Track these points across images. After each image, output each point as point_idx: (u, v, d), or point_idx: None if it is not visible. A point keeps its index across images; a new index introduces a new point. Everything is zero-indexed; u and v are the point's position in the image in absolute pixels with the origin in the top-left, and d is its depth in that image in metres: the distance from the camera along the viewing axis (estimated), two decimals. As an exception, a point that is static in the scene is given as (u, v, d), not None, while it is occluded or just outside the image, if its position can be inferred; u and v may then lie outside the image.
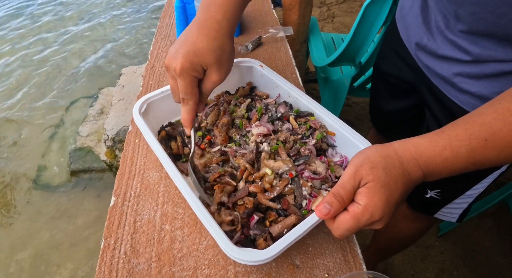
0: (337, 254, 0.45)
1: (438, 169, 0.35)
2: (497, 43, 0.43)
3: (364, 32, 1.01)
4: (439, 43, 0.51)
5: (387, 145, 0.36)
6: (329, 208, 0.34)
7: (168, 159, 0.46)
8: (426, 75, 0.57)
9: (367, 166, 0.34)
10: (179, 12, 0.78)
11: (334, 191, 0.35)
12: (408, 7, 0.58)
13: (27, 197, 1.52)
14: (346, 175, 0.35)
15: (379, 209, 0.33)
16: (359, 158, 0.36)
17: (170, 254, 0.45)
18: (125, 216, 0.49)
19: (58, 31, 2.59)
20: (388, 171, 0.34)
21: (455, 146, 0.34)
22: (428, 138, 0.35)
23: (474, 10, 0.42)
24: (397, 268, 1.21)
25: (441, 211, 0.70)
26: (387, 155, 0.35)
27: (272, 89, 0.62)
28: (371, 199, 0.33)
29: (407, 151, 0.35)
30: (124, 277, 0.43)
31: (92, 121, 1.83)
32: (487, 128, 0.33)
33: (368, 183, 0.34)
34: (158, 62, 0.77)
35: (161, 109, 0.58)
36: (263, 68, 0.62)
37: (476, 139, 0.33)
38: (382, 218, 0.34)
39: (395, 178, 0.34)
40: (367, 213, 0.33)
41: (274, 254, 0.37)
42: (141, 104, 0.55)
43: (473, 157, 0.34)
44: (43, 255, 1.30)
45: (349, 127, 0.53)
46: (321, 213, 0.35)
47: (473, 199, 0.64)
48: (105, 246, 0.46)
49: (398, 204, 0.35)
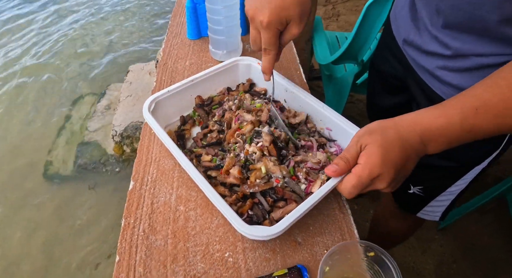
0: (335, 233, 0.49)
1: (435, 136, 0.38)
2: (476, 38, 0.46)
3: (366, 31, 1.04)
4: (424, 38, 0.54)
5: (389, 119, 0.41)
6: (336, 167, 0.41)
7: (179, 150, 0.51)
8: (414, 69, 0.60)
9: (367, 134, 0.40)
10: (190, 12, 0.83)
11: (341, 155, 0.42)
12: (400, 6, 0.62)
13: (34, 188, 1.56)
14: (351, 142, 0.41)
15: (377, 166, 0.38)
16: (362, 129, 0.42)
17: (185, 232, 0.50)
18: (143, 199, 0.54)
19: (62, 23, 2.63)
20: (384, 136, 0.39)
21: (449, 114, 0.37)
22: (426, 109, 0.40)
23: (453, 2, 0.45)
24: (397, 260, 1.23)
25: (424, 210, 0.73)
26: (385, 125, 0.41)
27: (270, 84, 0.66)
28: (368, 157, 0.39)
29: (405, 121, 0.40)
30: (143, 252, 0.48)
31: (100, 117, 1.88)
32: (478, 98, 0.37)
33: (367, 146, 0.40)
34: (170, 59, 0.82)
35: (168, 107, 0.62)
36: (260, 65, 0.67)
37: (468, 108, 0.37)
38: (381, 174, 0.39)
39: (391, 140, 0.39)
40: (366, 169, 0.39)
41: (281, 230, 0.41)
42: (149, 103, 0.58)
43: (467, 125, 0.37)
44: (47, 250, 1.35)
45: (344, 118, 0.56)
46: (329, 170, 0.42)
47: (455, 196, 0.67)
48: (125, 224, 0.51)
49: (399, 165, 0.39)
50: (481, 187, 1.29)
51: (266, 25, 0.46)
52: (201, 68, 0.79)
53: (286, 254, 0.47)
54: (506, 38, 0.44)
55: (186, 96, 0.65)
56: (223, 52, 0.79)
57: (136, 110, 1.74)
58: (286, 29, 0.49)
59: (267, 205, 0.49)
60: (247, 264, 0.46)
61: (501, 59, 0.46)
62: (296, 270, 0.43)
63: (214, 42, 0.79)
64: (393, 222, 0.89)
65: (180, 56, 0.83)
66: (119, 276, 0.45)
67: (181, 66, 0.80)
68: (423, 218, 0.76)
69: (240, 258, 0.47)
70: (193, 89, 0.65)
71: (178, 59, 0.82)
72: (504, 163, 1.50)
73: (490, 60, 0.47)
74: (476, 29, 0.45)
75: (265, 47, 0.49)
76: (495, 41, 0.45)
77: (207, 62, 0.81)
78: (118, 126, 1.67)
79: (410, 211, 0.77)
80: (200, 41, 0.88)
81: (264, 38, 0.48)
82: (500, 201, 1.33)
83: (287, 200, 0.49)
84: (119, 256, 0.47)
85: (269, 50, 0.49)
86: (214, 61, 0.82)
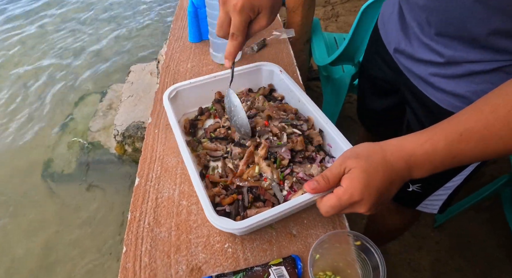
0: (328, 226, 0.53)
1: (420, 162, 0.39)
2: (467, 46, 0.49)
3: (362, 33, 1.07)
4: (415, 47, 0.56)
5: (376, 143, 0.41)
6: (316, 185, 0.42)
7: (182, 138, 0.55)
8: (406, 76, 0.62)
9: (353, 157, 0.40)
10: (191, 16, 0.87)
11: (322, 173, 0.42)
12: (388, 14, 0.64)
13: (36, 187, 1.58)
14: (335, 163, 0.42)
15: (358, 191, 0.39)
16: (348, 151, 0.42)
17: (187, 224, 0.53)
18: (148, 194, 0.58)
19: (63, 23, 2.66)
20: (369, 161, 0.39)
21: (434, 139, 0.38)
22: (412, 134, 0.40)
23: (442, 16, 0.48)
24: (393, 257, 1.28)
25: (423, 203, 0.75)
26: (371, 149, 0.41)
27: (288, 93, 0.70)
28: (351, 182, 0.39)
29: (391, 146, 0.40)
30: (148, 243, 0.52)
31: (102, 116, 1.91)
32: (462, 124, 0.37)
33: (351, 170, 0.40)
34: (172, 62, 0.86)
35: (188, 97, 0.68)
36: (282, 73, 0.70)
37: (452, 133, 0.37)
38: (361, 200, 0.39)
39: (376, 166, 0.39)
40: (347, 193, 0.39)
41: (245, 227, 0.43)
42: (170, 91, 0.64)
43: (451, 150, 0.37)
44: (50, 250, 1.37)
45: (344, 137, 0.57)
46: (309, 187, 0.42)
47: (452, 191, 0.69)
48: (131, 218, 0.55)
49: (380, 192, 0.39)
50: (476, 185, 1.32)
51: (239, 9, 0.45)
52: (202, 71, 0.83)
53: (281, 245, 0.51)
54: (495, 47, 0.46)
55: (207, 91, 0.70)
56: (223, 55, 0.82)
57: (137, 110, 1.76)
58: (256, 19, 0.49)
59: (247, 202, 0.52)
60: (245, 254, 0.50)
61: (492, 65, 0.48)
62: (291, 260, 0.47)
63: (214, 45, 0.82)
64: (389, 218, 0.92)
65: (182, 59, 0.87)
66: (126, 265, 0.49)
67: (183, 69, 0.83)
68: (420, 213, 0.79)
69: (239, 248, 0.50)
70: (215, 85, 0.70)
71: (180, 62, 0.86)
72: (499, 161, 1.53)
73: (482, 66, 0.48)
74: (466, 38, 0.47)
75: (233, 32, 0.48)
76: (485, 49, 0.47)
77: (208, 65, 0.85)
78: (119, 126, 1.70)
79: (409, 206, 0.79)
80: (201, 44, 0.92)
81: (234, 23, 0.47)
82: (495, 199, 1.36)
83: (266, 201, 0.52)
84: (126, 247, 0.51)
85: (237, 36, 0.49)
86: (215, 64, 0.85)
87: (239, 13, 0.46)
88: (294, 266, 0.46)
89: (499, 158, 1.54)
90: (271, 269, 0.45)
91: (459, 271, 1.24)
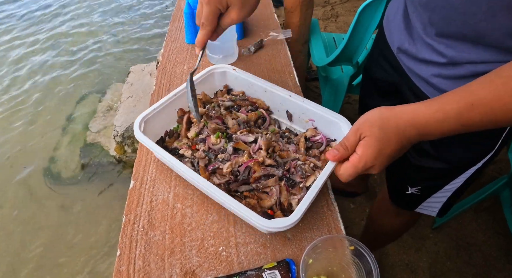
0: (323, 229, 0.53)
1: (431, 130, 0.41)
2: (470, 46, 0.48)
3: (360, 34, 1.07)
4: (418, 47, 0.56)
5: (390, 109, 0.44)
6: (336, 152, 0.45)
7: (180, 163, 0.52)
8: (408, 77, 0.61)
9: (367, 124, 0.43)
10: (187, 17, 0.86)
11: (341, 142, 0.46)
12: (393, 13, 0.64)
13: (36, 188, 1.58)
14: (351, 131, 0.45)
15: (371, 158, 0.43)
16: (363, 118, 0.45)
17: (181, 227, 0.53)
18: (143, 197, 0.57)
19: (63, 23, 2.66)
20: (383, 130, 0.42)
21: (446, 109, 0.40)
22: (425, 103, 0.42)
23: (445, 13, 0.47)
24: (391, 258, 1.28)
25: (422, 205, 0.75)
26: (386, 117, 0.43)
27: (249, 87, 0.69)
28: (365, 150, 0.43)
29: (405, 114, 0.42)
30: (142, 246, 0.51)
31: (101, 117, 1.92)
32: (474, 95, 0.39)
33: (365, 137, 0.43)
34: (169, 63, 0.85)
35: (157, 124, 0.62)
36: (236, 71, 0.69)
37: (464, 103, 0.39)
38: (375, 165, 0.43)
39: (389, 136, 0.42)
40: (362, 161, 0.43)
41: (298, 219, 0.45)
42: (139, 123, 0.58)
43: (461, 119, 0.39)
44: (50, 250, 1.37)
45: (325, 108, 0.60)
46: (330, 155, 0.46)
47: (451, 193, 0.69)
48: (126, 221, 0.55)
49: (391, 157, 0.43)
50: (476, 186, 1.31)
51: (206, 0, 0.49)
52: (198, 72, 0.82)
53: (276, 249, 0.50)
54: (499, 45, 0.45)
55: (172, 111, 0.65)
56: (219, 56, 0.82)
57: (137, 110, 1.77)
58: (227, 12, 0.51)
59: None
60: (239, 258, 0.49)
61: (495, 66, 0.47)
62: (285, 263, 0.47)
63: (210, 47, 0.82)
64: (388, 219, 0.92)
65: (178, 60, 0.87)
66: (120, 268, 0.49)
67: (179, 70, 0.83)
68: (419, 215, 0.78)
69: (233, 252, 0.50)
70: (177, 103, 0.65)
71: (177, 63, 0.85)
72: (499, 162, 1.52)
73: (484, 67, 0.48)
74: (469, 37, 0.47)
75: (203, 22, 0.52)
76: (488, 49, 0.47)
77: (204, 66, 0.85)
78: (119, 127, 1.70)
79: (408, 208, 0.79)
80: (198, 46, 0.92)
81: (204, 13, 0.51)
82: (495, 200, 1.36)
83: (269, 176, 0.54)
84: (120, 250, 0.51)
85: (206, 25, 0.52)
86: (211, 65, 0.85)
87: (207, 4, 0.50)
88: (288, 270, 0.46)
89: (498, 159, 1.54)
90: (265, 273, 0.45)
91: (458, 273, 1.23)
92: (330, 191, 0.58)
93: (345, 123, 0.58)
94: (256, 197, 0.52)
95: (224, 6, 0.51)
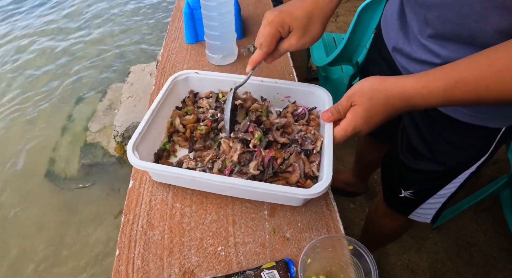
0: (322, 229, 0.52)
1: (418, 103, 0.44)
2: (464, 47, 0.48)
3: (359, 34, 1.07)
4: (413, 47, 0.56)
5: (382, 80, 0.46)
6: (330, 114, 0.51)
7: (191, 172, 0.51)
8: None
9: (359, 94, 0.47)
10: (187, 17, 0.86)
11: (335, 105, 0.51)
12: (390, 12, 0.64)
13: (37, 188, 1.58)
14: (345, 96, 0.49)
15: (359, 124, 0.48)
16: (357, 86, 0.48)
17: (180, 227, 0.53)
18: (142, 197, 0.57)
19: (62, 23, 2.66)
20: (372, 100, 0.46)
21: (432, 86, 0.42)
22: (413, 77, 0.44)
23: (440, 12, 0.47)
24: (392, 258, 1.27)
25: (416, 212, 0.74)
26: (377, 89, 0.46)
27: (215, 86, 0.68)
28: (354, 116, 0.48)
29: (395, 89, 0.45)
30: (141, 246, 0.51)
31: (102, 117, 1.92)
32: (458, 73, 0.40)
33: (355, 105, 0.48)
34: (168, 63, 0.85)
35: (145, 147, 0.58)
36: (199, 73, 0.68)
37: (450, 81, 0.41)
38: (362, 130, 0.48)
39: (377, 107, 0.46)
40: (351, 126, 0.48)
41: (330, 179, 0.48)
42: (132, 150, 0.53)
43: (446, 96, 0.42)
44: (51, 250, 1.37)
45: (296, 82, 0.61)
46: (325, 117, 0.52)
47: (445, 199, 0.69)
48: (125, 221, 0.55)
49: (378, 123, 0.48)
50: (476, 186, 1.31)
51: (269, 22, 0.51)
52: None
53: (275, 249, 0.50)
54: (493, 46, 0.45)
55: (159, 125, 0.62)
56: (219, 56, 0.82)
57: (137, 110, 1.77)
58: (287, 38, 0.53)
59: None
60: (238, 258, 0.49)
61: None
62: (283, 263, 0.47)
63: (210, 47, 0.82)
64: (385, 221, 0.92)
65: (178, 60, 0.87)
66: (119, 268, 0.49)
67: (179, 70, 0.83)
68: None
69: (232, 252, 0.50)
70: (156, 121, 0.61)
71: (176, 63, 0.85)
72: (499, 162, 1.52)
73: None
74: (463, 38, 0.47)
75: (261, 42, 0.53)
76: (482, 49, 0.46)
77: (204, 66, 0.85)
78: (119, 127, 1.70)
79: (402, 213, 0.78)
80: (197, 46, 0.92)
81: (264, 34, 0.52)
82: (495, 200, 1.35)
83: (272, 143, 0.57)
84: (119, 250, 0.51)
85: (263, 46, 0.53)
86: (211, 65, 0.85)
87: (267, 26, 0.52)
88: (287, 270, 0.46)
89: (498, 159, 1.53)
90: (263, 273, 0.45)
91: (458, 273, 1.23)
92: (329, 191, 0.58)
93: (320, 90, 0.62)
94: (281, 178, 0.54)
95: (285, 31, 0.52)
